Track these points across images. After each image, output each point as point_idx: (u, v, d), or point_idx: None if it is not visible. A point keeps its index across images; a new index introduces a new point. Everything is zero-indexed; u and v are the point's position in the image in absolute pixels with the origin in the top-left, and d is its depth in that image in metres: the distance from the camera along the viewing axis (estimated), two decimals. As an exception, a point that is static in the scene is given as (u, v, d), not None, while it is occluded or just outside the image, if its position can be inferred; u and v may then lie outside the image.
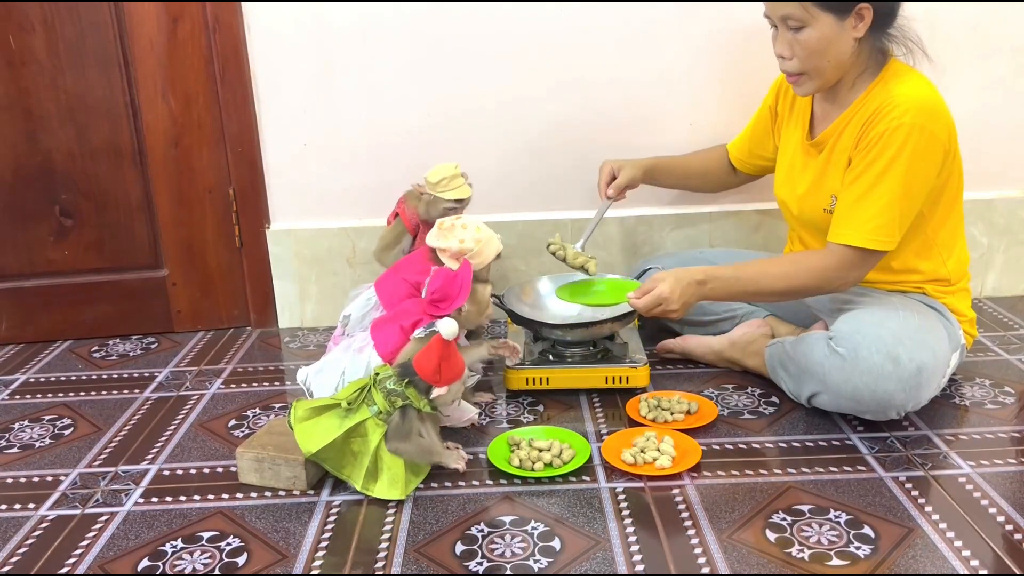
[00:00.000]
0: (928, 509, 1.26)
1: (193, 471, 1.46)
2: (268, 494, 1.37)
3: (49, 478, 1.46)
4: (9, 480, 1.46)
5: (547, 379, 1.65)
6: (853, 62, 1.48)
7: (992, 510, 1.25)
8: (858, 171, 1.46)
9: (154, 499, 1.38)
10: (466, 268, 1.45)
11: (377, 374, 1.36)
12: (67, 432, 1.62)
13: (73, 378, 1.87)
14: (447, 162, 1.73)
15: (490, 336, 1.60)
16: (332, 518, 1.30)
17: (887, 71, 1.50)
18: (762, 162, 1.83)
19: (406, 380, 1.31)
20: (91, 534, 1.29)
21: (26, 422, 1.67)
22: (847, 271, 1.48)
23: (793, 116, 1.68)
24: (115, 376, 1.87)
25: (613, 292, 1.74)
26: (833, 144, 1.54)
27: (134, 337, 2.09)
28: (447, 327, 1.27)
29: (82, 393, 1.79)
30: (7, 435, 1.62)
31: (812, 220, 1.61)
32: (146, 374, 1.87)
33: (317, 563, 1.20)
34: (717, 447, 1.46)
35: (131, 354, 1.99)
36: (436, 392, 1.31)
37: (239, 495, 1.38)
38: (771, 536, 1.21)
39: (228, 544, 1.25)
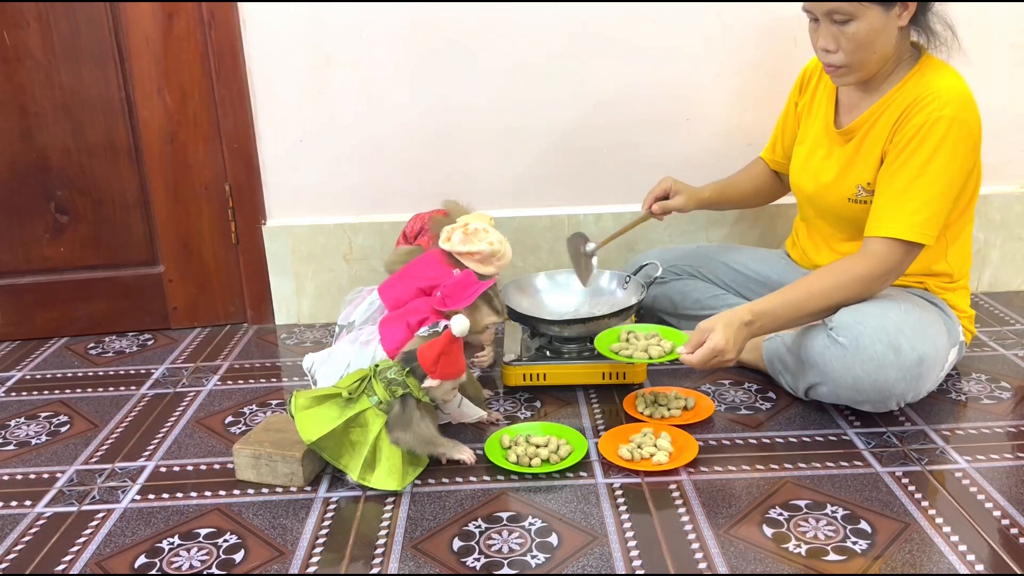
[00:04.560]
0: (925, 504, 1.26)
1: (190, 468, 1.46)
2: (265, 491, 1.37)
3: (46, 475, 1.46)
4: (5, 477, 1.46)
5: (544, 375, 1.65)
6: (895, 52, 1.47)
7: (988, 505, 1.25)
8: (898, 164, 1.45)
9: (151, 496, 1.37)
10: (488, 281, 1.46)
11: (377, 366, 1.37)
12: (63, 429, 1.62)
13: (69, 375, 1.86)
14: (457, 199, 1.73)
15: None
16: (329, 514, 1.30)
17: (923, 63, 1.49)
18: None
19: (407, 368, 1.33)
20: (88, 531, 1.29)
21: (22, 419, 1.66)
22: (891, 266, 1.45)
23: (815, 103, 1.66)
24: (111, 373, 1.87)
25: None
26: (865, 134, 1.53)
27: (130, 334, 2.09)
28: (458, 323, 1.29)
29: (78, 390, 1.78)
30: (3, 432, 1.61)
31: (832, 209, 1.60)
32: (142, 371, 1.87)
33: (315, 559, 1.20)
34: (714, 442, 1.46)
35: (127, 351, 1.99)
36: (428, 383, 1.32)
37: (236, 492, 1.37)
38: (768, 531, 1.21)
39: (225, 541, 1.25)
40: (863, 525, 1.22)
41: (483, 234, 1.56)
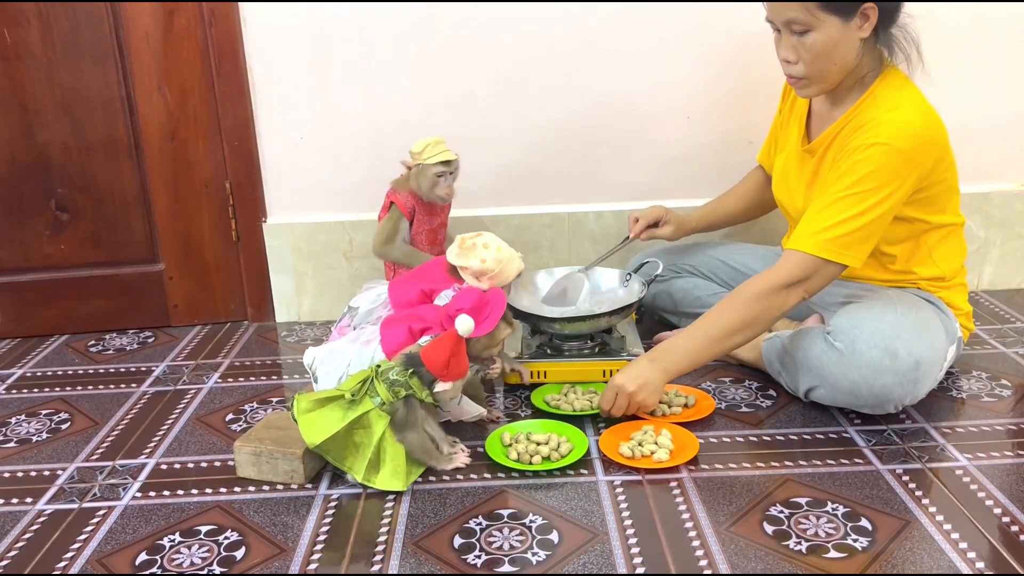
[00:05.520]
0: (925, 501, 1.26)
1: (191, 465, 1.46)
2: (266, 488, 1.37)
3: (47, 472, 1.46)
4: (6, 475, 1.46)
5: (545, 373, 1.65)
6: (857, 63, 1.46)
7: (988, 502, 1.26)
8: (828, 183, 1.45)
9: (152, 493, 1.38)
10: (499, 299, 1.40)
11: (379, 366, 1.36)
12: (64, 426, 1.62)
13: (70, 372, 1.86)
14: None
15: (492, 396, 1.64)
16: (330, 511, 1.30)
17: (884, 80, 1.47)
18: None
19: (410, 371, 1.32)
20: (89, 528, 1.29)
21: (23, 416, 1.66)
22: (798, 278, 1.42)
23: (792, 116, 1.66)
24: (112, 370, 1.87)
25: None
26: (823, 154, 1.53)
27: (131, 331, 2.09)
28: (463, 324, 1.29)
29: (79, 387, 1.78)
30: (4, 430, 1.61)
31: None
32: (143, 368, 1.87)
33: (316, 556, 1.20)
34: (715, 440, 1.46)
35: (128, 348, 1.99)
36: (440, 387, 1.32)
37: (237, 489, 1.38)
38: (769, 529, 1.21)
39: (226, 538, 1.25)
40: (864, 523, 1.22)
41: (480, 250, 1.53)
